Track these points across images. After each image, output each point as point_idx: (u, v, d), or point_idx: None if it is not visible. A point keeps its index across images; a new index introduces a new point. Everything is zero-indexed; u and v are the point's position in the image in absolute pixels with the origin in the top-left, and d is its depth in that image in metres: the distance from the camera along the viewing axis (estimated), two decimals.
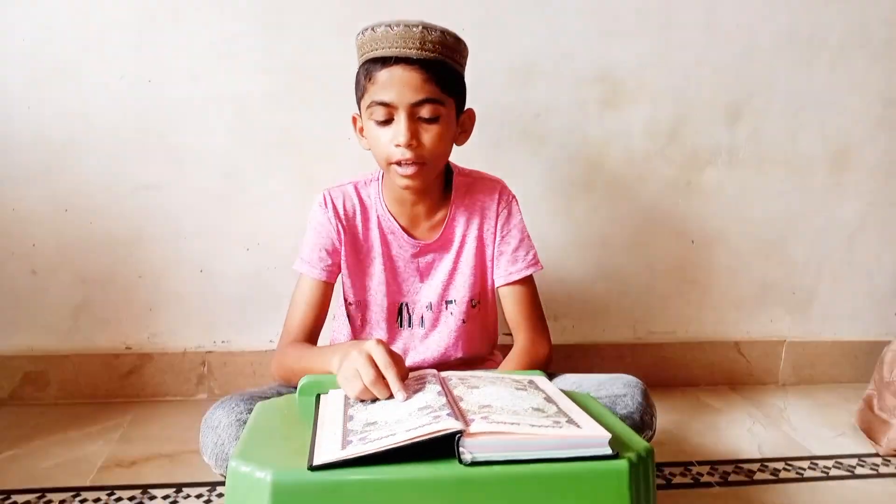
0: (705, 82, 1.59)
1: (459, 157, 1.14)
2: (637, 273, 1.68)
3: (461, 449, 0.66)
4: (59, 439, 1.35)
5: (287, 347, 1.10)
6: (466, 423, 0.69)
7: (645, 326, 1.72)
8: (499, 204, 1.16)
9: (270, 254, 1.53)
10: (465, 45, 1.07)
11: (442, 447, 0.66)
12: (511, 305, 1.17)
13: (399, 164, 1.02)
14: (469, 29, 1.21)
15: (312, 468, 0.65)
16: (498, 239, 1.16)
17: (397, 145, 1.01)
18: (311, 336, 1.13)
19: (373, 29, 1.01)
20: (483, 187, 1.17)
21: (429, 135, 1.02)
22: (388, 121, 1.02)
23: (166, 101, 1.44)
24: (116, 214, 1.48)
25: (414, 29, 0.99)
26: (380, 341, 0.82)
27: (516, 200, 1.19)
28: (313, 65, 1.46)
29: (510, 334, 1.19)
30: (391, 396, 0.79)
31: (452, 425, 0.67)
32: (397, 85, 0.99)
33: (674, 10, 1.54)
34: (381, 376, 0.79)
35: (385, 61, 1.00)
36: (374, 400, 0.80)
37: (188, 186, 1.49)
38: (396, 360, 0.82)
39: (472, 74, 1.11)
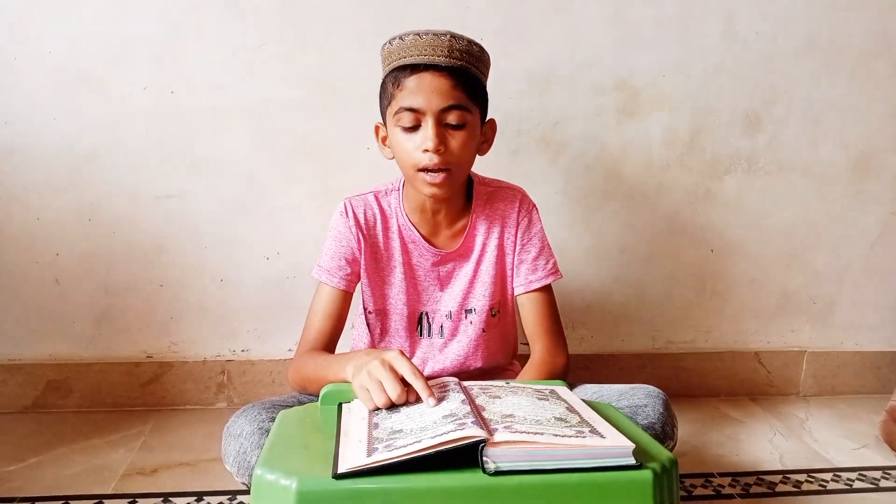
0: (724, 90, 1.58)
1: (478, 164, 1.14)
2: (656, 282, 1.67)
3: (484, 458, 0.67)
4: (82, 447, 1.36)
5: (304, 356, 1.10)
6: (490, 432, 0.69)
7: (664, 336, 1.70)
8: (519, 212, 1.16)
9: (290, 263, 1.54)
10: (488, 56, 1.08)
11: (465, 457, 0.66)
12: (529, 314, 1.16)
13: (426, 170, 1.03)
14: (488, 37, 1.22)
15: (337, 476, 0.65)
16: (518, 247, 1.16)
17: (425, 150, 1.02)
18: (329, 345, 1.13)
19: (401, 38, 1.03)
20: (504, 196, 1.17)
21: (455, 141, 1.03)
22: (415, 127, 1.03)
23: (188, 112, 1.46)
24: (139, 224, 1.50)
25: (442, 38, 1.01)
26: (401, 352, 0.83)
27: (536, 209, 1.19)
28: (333, 75, 1.48)
29: (528, 343, 1.18)
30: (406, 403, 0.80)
31: (477, 433, 0.67)
32: (426, 91, 1.01)
33: (692, 18, 1.54)
34: (404, 387, 0.80)
35: (414, 68, 1.01)
36: (395, 407, 0.80)
37: (209, 196, 1.50)
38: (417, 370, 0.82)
39: (491, 82, 1.12)
